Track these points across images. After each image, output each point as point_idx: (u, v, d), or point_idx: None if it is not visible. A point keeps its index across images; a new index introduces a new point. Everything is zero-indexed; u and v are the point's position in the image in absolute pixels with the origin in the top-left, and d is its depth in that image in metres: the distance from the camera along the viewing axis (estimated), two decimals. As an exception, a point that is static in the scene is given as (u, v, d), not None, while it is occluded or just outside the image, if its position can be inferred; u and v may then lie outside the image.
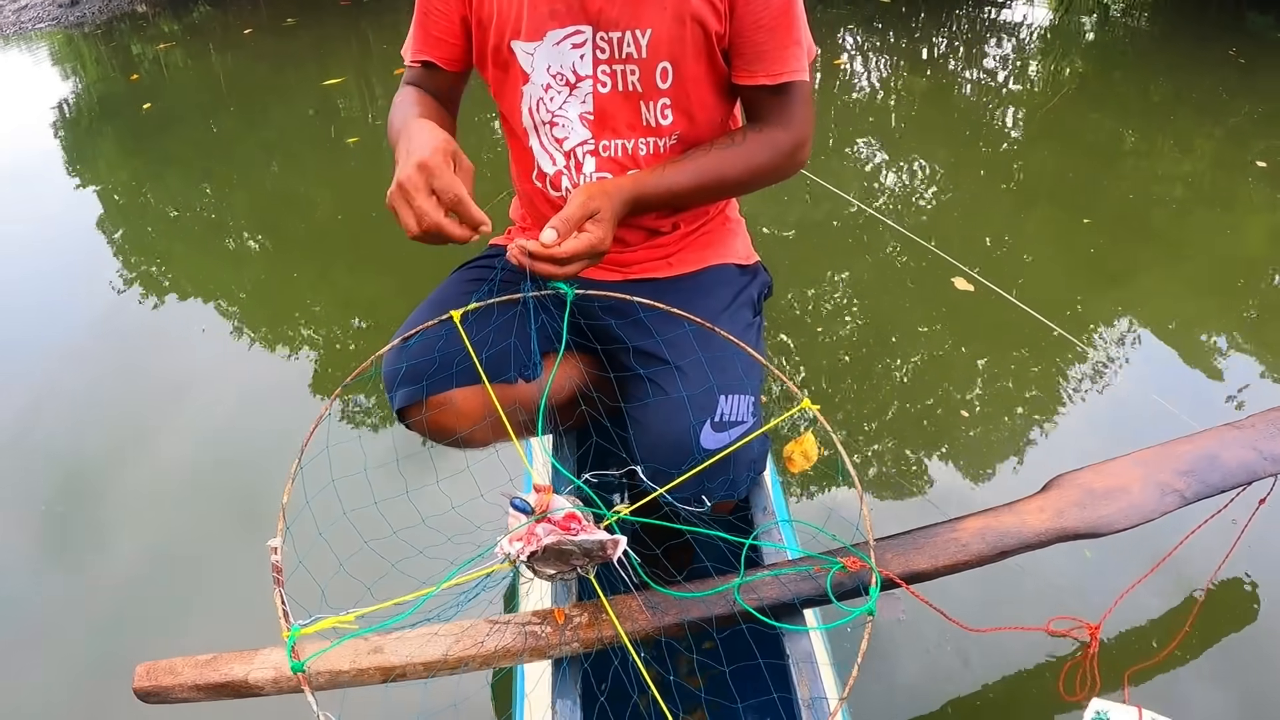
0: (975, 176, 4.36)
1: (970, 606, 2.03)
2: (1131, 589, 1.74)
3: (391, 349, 1.52)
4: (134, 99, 7.30)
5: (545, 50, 1.53)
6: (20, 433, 3.18)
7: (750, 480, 1.49)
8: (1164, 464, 1.63)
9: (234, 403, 3.20)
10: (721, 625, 1.31)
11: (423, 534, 1.41)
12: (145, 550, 2.57)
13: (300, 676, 1.15)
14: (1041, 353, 2.97)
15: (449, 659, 1.27)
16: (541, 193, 1.69)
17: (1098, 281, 3.36)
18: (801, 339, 3.12)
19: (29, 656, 2.29)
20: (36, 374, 3.53)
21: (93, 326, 3.90)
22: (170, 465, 2.91)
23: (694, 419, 1.42)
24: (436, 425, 1.56)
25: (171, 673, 1.32)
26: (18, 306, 4.15)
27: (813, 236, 3.87)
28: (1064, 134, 4.70)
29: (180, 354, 3.59)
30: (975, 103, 5.31)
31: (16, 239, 4.95)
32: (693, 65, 1.52)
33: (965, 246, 3.53)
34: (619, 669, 1.27)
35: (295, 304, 3.85)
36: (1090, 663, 1.70)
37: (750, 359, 1.49)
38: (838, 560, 1.31)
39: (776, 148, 1.56)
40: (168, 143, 6.21)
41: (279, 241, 4.55)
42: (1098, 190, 4.01)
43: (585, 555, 1.19)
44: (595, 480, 1.38)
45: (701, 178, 1.52)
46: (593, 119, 1.58)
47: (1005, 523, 1.46)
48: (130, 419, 3.18)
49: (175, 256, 4.55)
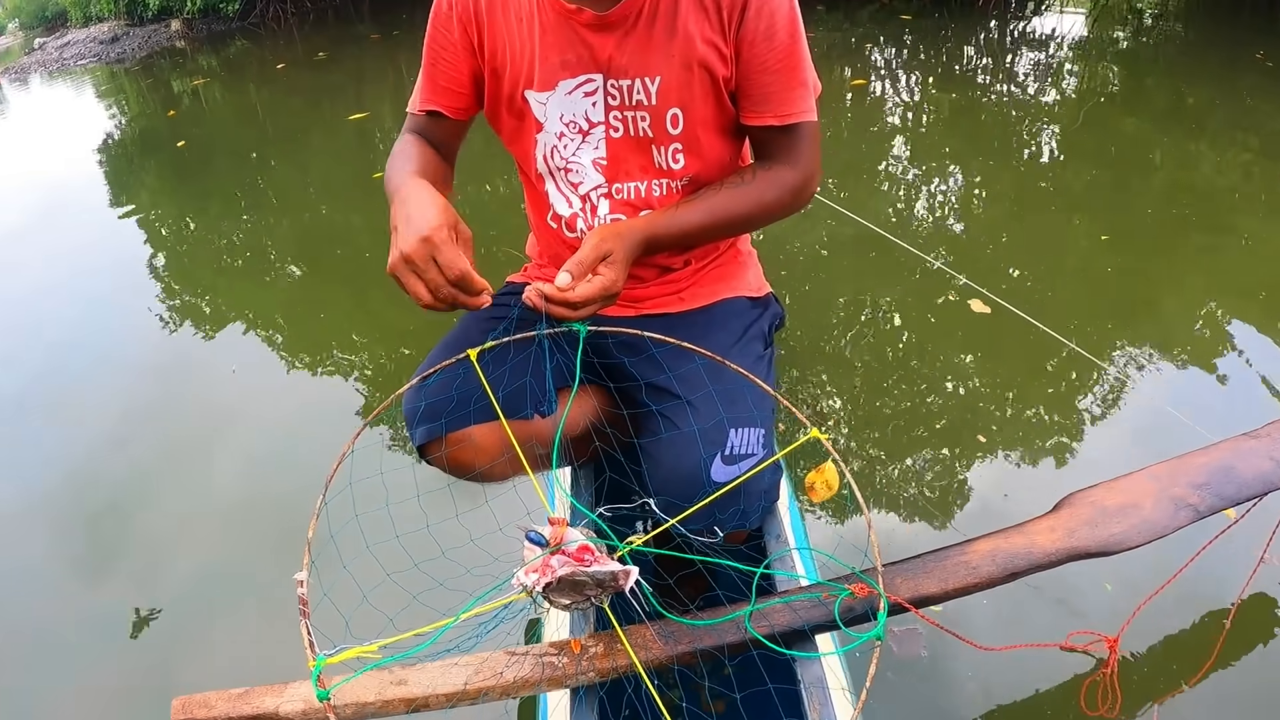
0: (1001, 193, 4.35)
1: (986, 626, 2.03)
2: (1148, 601, 1.73)
3: (411, 387, 1.54)
4: (173, 134, 7.40)
5: (558, 99, 1.56)
6: (61, 462, 3.24)
7: (762, 511, 1.50)
8: (1177, 478, 1.61)
9: (270, 432, 3.25)
10: (734, 653, 1.33)
11: (443, 566, 1.43)
12: (181, 577, 2.61)
13: (325, 705, 1.17)
14: (1058, 372, 2.96)
15: (469, 689, 1.29)
16: (557, 234, 1.72)
17: (1116, 297, 3.34)
18: (818, 365, 3.12)
19: (65, 685, 2.32)
20: (79, 402, 3.61)
21: (134, 356, 3.99)
22: (208, 494, 2.95)
23: (704, 452, 1.44)
24: (456, 461, 1.58)
25: (206, 706, 1.35)
26: (58, 339, 4.24)
27: (831, 259, 3.88)
28: (1090, 147, 4.67)
29: (218, 384, 3.65)
30: (1003, 118, 5.29)
31: (63, 267, 5.07)
32: (702, 110, 1.54)
33: (985, 266, 3.53)
34: (633, 697, 1.29)
35: (333, 334, 3.90)
36: (1111, 676, 1.69)
37: (760, 392, 1.50)
38: (845, 587, 1.32)
39: (784, 185, 1.57)
40: (206, 175, 6.33)
41: (315, 272, 4.62)
42: (1124, 204, 3.98)
43: (599, 586, 1.21)
44: (610, 514, 1.39)
45: (712, 216, 1.54)
46: (606, 164, 1.60)
47: (1015, 544, 1.46)
48: (168, 448, 3.24)
49: (216, 287, 4.64)
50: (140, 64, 12.12)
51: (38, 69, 13.92)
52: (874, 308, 3.44)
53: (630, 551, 1.31)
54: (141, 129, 8.17)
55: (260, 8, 14.02)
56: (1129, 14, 7.10)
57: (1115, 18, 7.10)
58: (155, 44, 13.87)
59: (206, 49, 12.40)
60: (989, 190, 4.40)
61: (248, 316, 4.19)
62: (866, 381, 3.02)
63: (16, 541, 2.88)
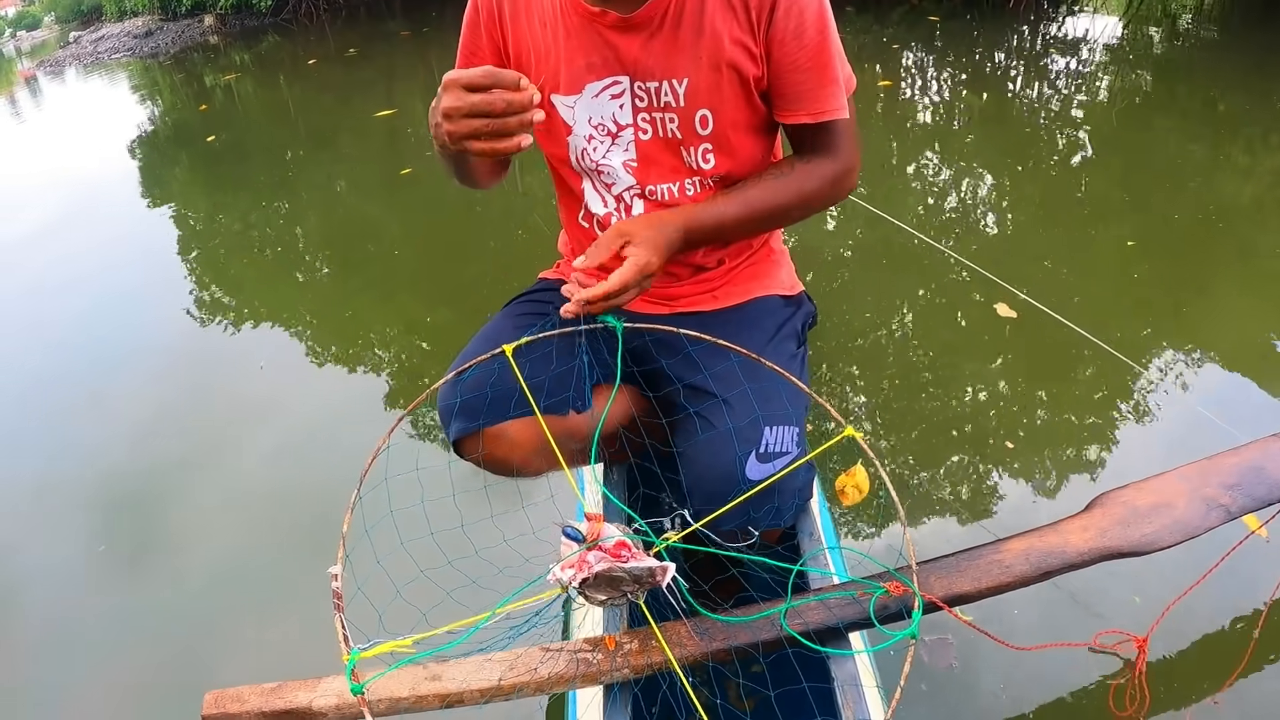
0: (1028, 195, 4.30)
1: (1013, 628, 2.01)
2: (1177, 601, 1.71)
3: (446, 383, 1.53)
4: (204, 129, 7.44)
5: (585, 103, 1.55)
6: (92, 450, 3.28)
7: (796, 509, 1.49)
8: (1209, 478, 1.59)
9: (299, 426, 3.26)
10: (768, 650, 1.32)
11: (476, 564, 1.42)
12: (213, 570, 2.62)
13: (360, 699, 1.17)
14: (1085, 374, 2.93)
15: (504, 685, 1.29)
16: (589, 233, 1.71)
17: (1143, 301, 3.30)
18: (848, 365, 3.11)
19: (96, 677, 2.33)
20: (112, 394, 3.65)
21: (166, 348, 4.02)
22: (239, 487, 2.97)
23: (739, 450, 1.42)
24: (491, 457, 1.57)
25: (239, 700, 1.35)
26: (86, 332, 4.29)
27: (858, 259, 3.86)
28: (1120, 151, 4.60)
29: (247, 378, 3.68)
30: (1032, 121, 5.23)
31: (94, 260, 5.12)
32: (731, 111, 1.51)
33: (1012, 268, 3.47)
34: (667, 694, 1.28)
35: (362, 329, 3.92)
36: (1139, 677, 1.67)
37: (794, 390, 1.49)
38: (880, 585, 1.30)
39: (823, 176, 1.56)
40: (236, 170, 6.37)
41: (345, 268, 4.64)
42: (1152, 208, 3.93)
43: (635, 581, 1.20)
44: (644, 511, 1.39)
45: (750, 208, 1.52)
46: (636, 166, 1.59)
47: (1048, 543, 1.45)
48: (201, 440, 3.26)
49: (247, 280, 4.68)
50: (173, 59, 12.20)
51: (73, 62, 14.07)
52: (901, 308, 3.43)
53: (665, 549, 1.30)
54: (173, 123, 8.23)
55: (292, 4, 14.12)
56: (1163, 16, 6.97)
57: (1149, 20, 6.98)
58: (188, 39, 13.97)
59: (239, 44, 12.46)
60: (1017, 193, 4.36)
61: (278, 311, 4.22)
62: (893, 382, 3.00)
63: (49, 533, 2.90)
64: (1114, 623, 2.02)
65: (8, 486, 3.16)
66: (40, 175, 7.31)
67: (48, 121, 9.73)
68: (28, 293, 4.89)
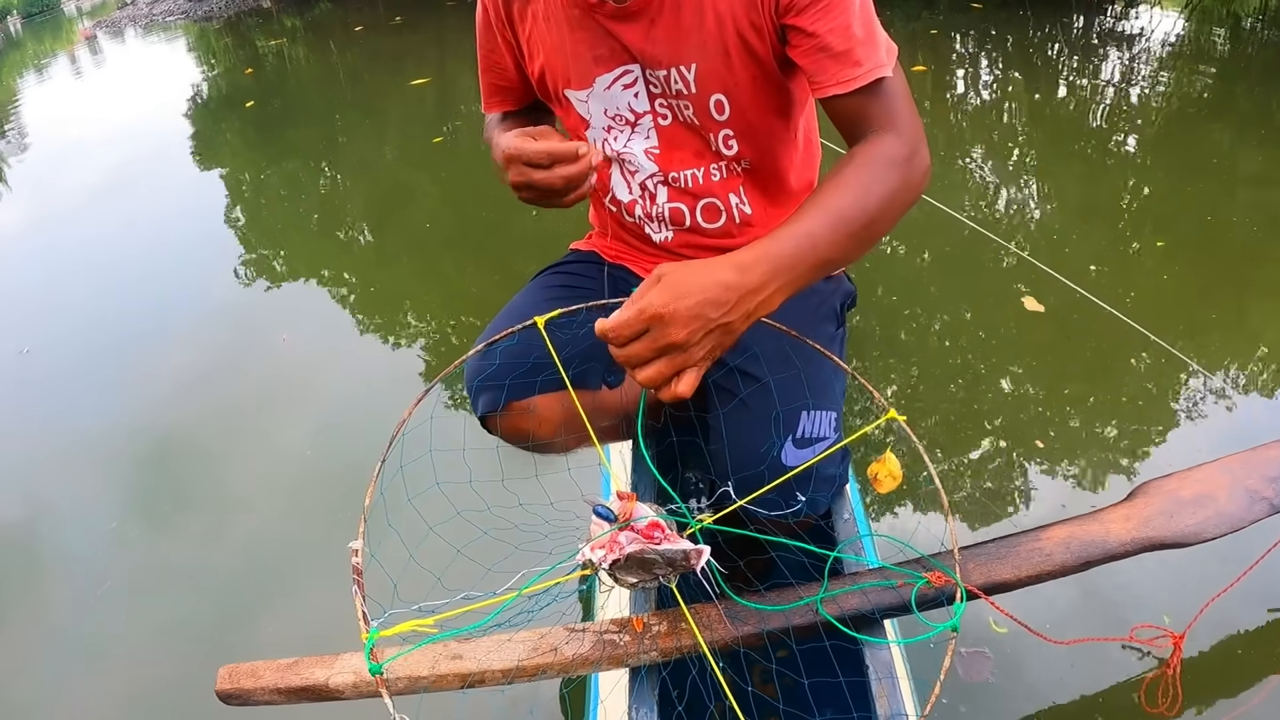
0: (1071, 191, 4.18)
1: (1048, 620, 1.95)
2: (1217, 598, 1.64)
3: (474, 355, 1.47)
4: (251, 92, 7.50)
5: (598, 95, 1.48)
6: (131, 411, 3.29)
7: (832, 497, 1.43)
8: (1252, 470, 1.53)
9: (333, 396, 3.24)
10: (800, 636, 1.26)
11: (497, 546, 1.36)
12: (239, 540, 2.60)
13: (378, 679, 1.11)
14: (1126, 367, 2.85)
15: (526, 666, 1.23)
16: (616, 216, 1.66)
17: (1182, 299, 3.20)
18: (874, 351, 3.05)
19: (116, 645, 2.32)
20: (155, 353, 3.66)
21: (204, 312, 4.02)
22: (271, 455, 2.95)
23: (776, 436, 1.36)
24: (518, 431, 1.51)
25: (253, 676, 1.30)
26: (128, 290, 4.32)
27: (894, 243, 3.78)
28: (1169, 153, 4.46)
29: (281, 346, 3.64)
30: (1080, 116, 5.05)
31: (142, 219, 5.19)
32: (748, 93, 1.42)
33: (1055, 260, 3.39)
34: (696, 679, 1.22)
35: (400, 299, 3.90)
36: (1174, 674, 1.61)
37: (833, 374, 1.43)
38: (921, 574, 1.24)
39: (886, 157, 1.26)
40: (282, 134, 6.46)
41: (384, 235, 4.63)
42: (1204, 210, 3.79)
43: (668, 564, 1.14)
44: (676, 491, 1.32)
45: (832, 211, 1.19)
46: (659, 152, 1.52)
47: (1090, 532, 1.39)
48: (237, 405, 3.25)
49: (289, 244, 4.70)
50: (226, 22, 12.18)
51: (129, 23, 14.15)
52: (936, 295, 3.36)
53: (699, 530, 1.24)
54: (222, 86, 8.23)
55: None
56: (1226, 17, 6.71)
57: (1212, 20, 6.73)
58: (242, 3, 13.92)
59: (290, 9, 12.38)
60: (1058, 187, 4.24)
61: (319, 275, 4.21)
62: (926, 369, 2.93)
63: (79, 494, 2.90)
64: (1148, 619, 1.97)
65: (53, 436, 3.22)
66: (98, 131, 7.36)
67: (107, 79, 9.82)
68: (83, 243, 4.97)
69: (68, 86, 9.56)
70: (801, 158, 1.60)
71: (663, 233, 1.61)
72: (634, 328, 1.06)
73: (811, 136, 1.63)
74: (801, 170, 1.60)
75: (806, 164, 1.62)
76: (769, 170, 1.55)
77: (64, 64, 11.01)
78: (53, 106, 8.81)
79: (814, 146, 1.65)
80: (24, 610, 2.49)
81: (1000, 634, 1.95)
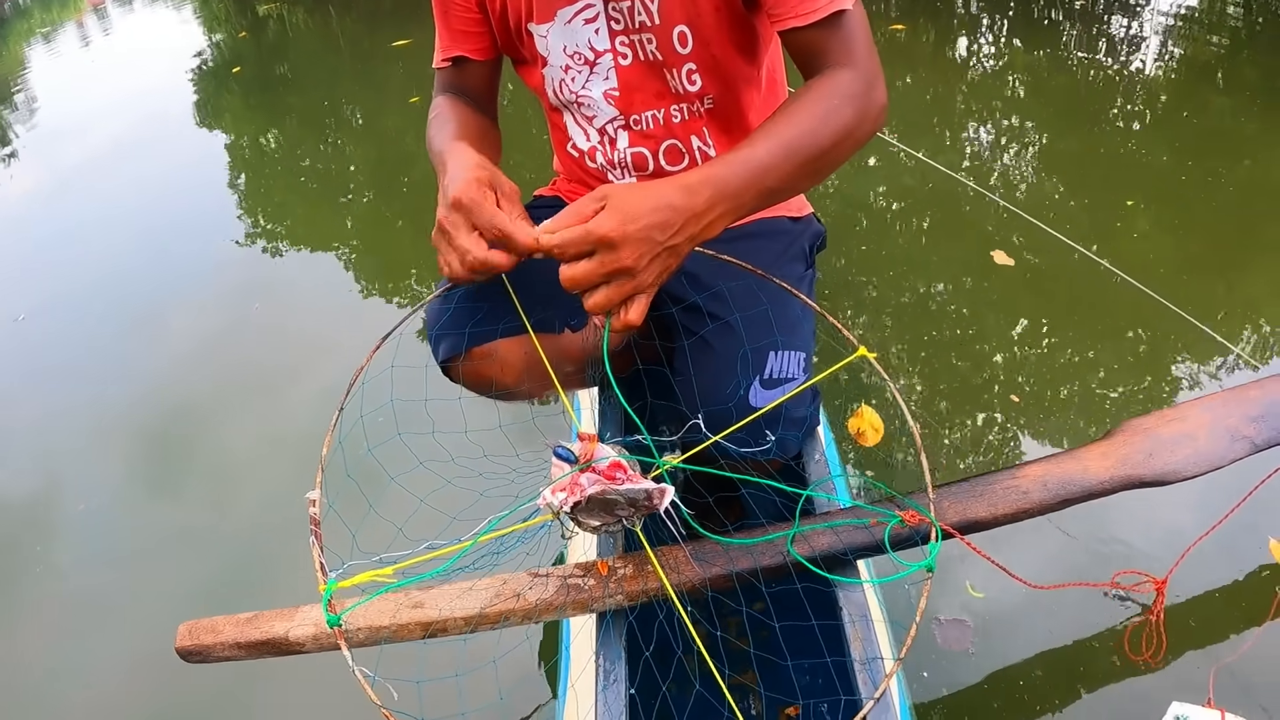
0: (1062, 152, 4.10)
1: (1029, 566, 1.91)
2: (1198, 542, 1.60)
3: (434, 299, 1.42)
4: (246, 57, 7.58)
5: (558, 30, 1.42)
6: (137, 378, 3.25)
7: (802, 438, 1.39)
8: (1233, 409, 1.49)
9: (333, 353, 3.18)
10: (770, 577, 1.21)
11: (457, 496, 1.32)
12: (236, 501, 2.59)
13: (336, 630, 1.06)
14: (1102, 315, 2.79)
15: (489, 613, 1.19)
16: (578, 163, 1.60)
17: (1167, 261, 3.11)
18: (849, 298, 2.99)
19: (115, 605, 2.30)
20: (155, 318, 3.63)
21: (203, 279, 3.95)
22: (267, 419, 2.92)
23: (743, 376, 1.32)
24: (480, 376, 1.46)
25: (213, 631, 1.26)
26: (127, 259, 4.26)
27: (862, 191, 3.72)
28: (1169, 123, 4.32)
29: (283, 310, 3.61)
30: (1079, 79, 4.83)
31: (152, 182, 5.14)
32: (711, 23, 1.36)
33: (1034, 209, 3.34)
34: (664, 624, 1.18)
35: (400, 264, 3.86)
36: (1157, 620, 1.57)
37: (801, 314, 1.38)
38: (895, 512, 1.19)
39: (844, 90, 1.22)
40: (280, 97, 6.45)
41: (383, 199, 4.56)
42: (1205, 184, 3.71)
43: (631, 505, 1.09)
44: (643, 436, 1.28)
45: (783, 140, 1.16)
46: (618, 95, 1.46)
47: (1067, 469, 1.34)
48: (236, 368, 3.22)
49: (288, 209, 4.64)
50: None
51: None
52: (907, 240, 3.32)
53: (665, 472, 1.19)
54: (221, 50, 8.16)
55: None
56: None
57: None
58: None
59: None
60: (1049, 150, 4.15)
61: (318, 240, 4.16)
62: (899, 314, 2.89)
63: (81, 451, 2.90)
64: (1128, 558, 1.94)
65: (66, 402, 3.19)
66: (103, 98, 7.29)
67: (112, 47, 9.74)
68: (89, 215, 4.88)
69: (75, 55, 9.50)
70: (765, 98, 1.54)
71: (626, 179, 1.56)
72: (580, 247, 1.03)
73: (776, 77, 1.58)
74: (766, 111, 1.55)
75: (771, 106, 1.56)
76: (732, 109, 1.50)
77: (71, 32, 10.93)
78: (60, 75, 8.77)
79: (779, 88, 1.60)
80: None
81: (978, 598, 1.92)
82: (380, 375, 1.29)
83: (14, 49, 10.44)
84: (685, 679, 1.20)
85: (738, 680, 1.50)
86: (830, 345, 1.81)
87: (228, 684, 1.97)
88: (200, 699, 1.97)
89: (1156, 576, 1.53)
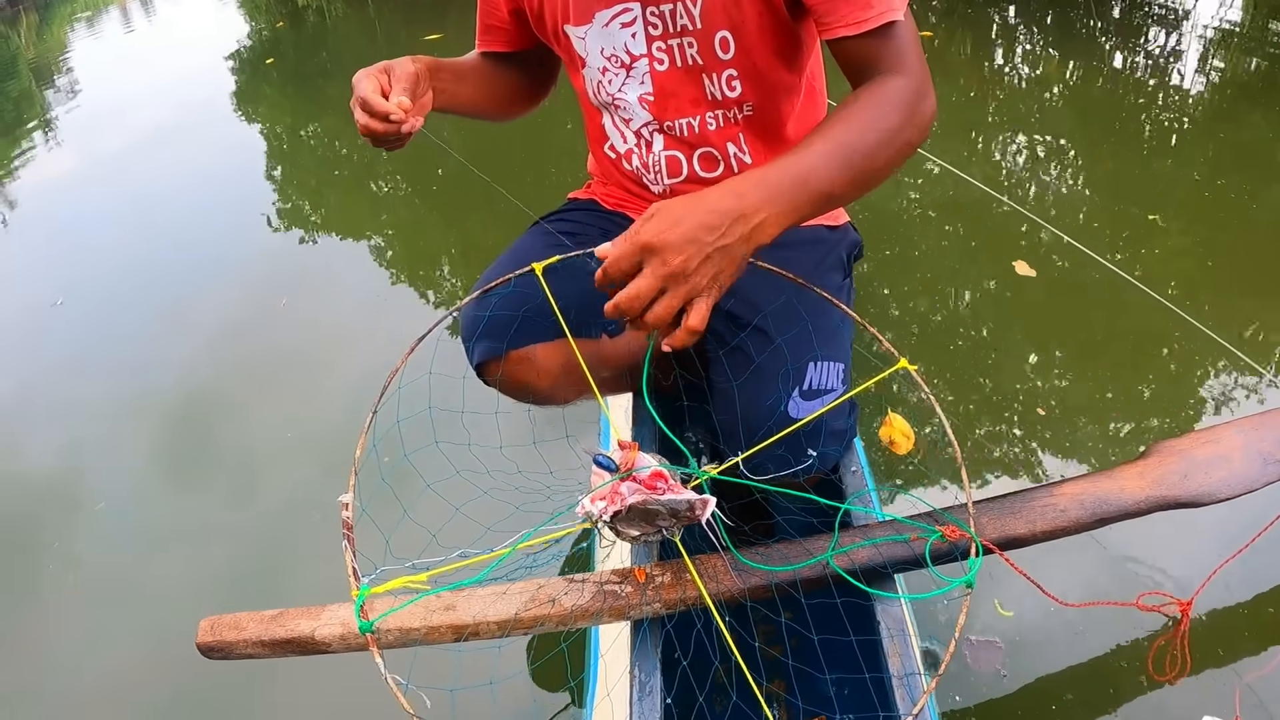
0: (1093, 172, 4.06)
1: (1056, 584, 1.89)
2: (1226, 564, 1.58)
3: (470, 302, 1.40)
4: (283, 47, 7.62)
5: (596, 33, 1.40)
6: (166, 365, 3.24)
7: (840, 452, 1.37)
8: (1265, 433, 1.47)
9: (363, 347, 3.15)
10: (809, 589, 1.19)
11: (492, 508, 1.30)
12: (262, 496, 2.56)
13: (369, 638, 1.04)
14: (1139, 335, 2.75)
15: (523, 618, 1.16)
16: (615, 164, 1.59)
17: (1195, 284, 3.06)
18: (878, 309, 2.97)
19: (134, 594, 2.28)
20: (184, 306, 3.63)
21: (235, 268, 3.96)
22: (288, 412, 2.89)
23: (781, 387, 1.30)
24: (516, 381, 1.44)
25: (236, 628, 1.23)
26: (170, 242, 4.27)
27: (894, 205, 3.69)
28: (1213, 140, 4.29)
29: (318, 297, 3.61)
30: (1116, 95, 4.81)
31: (186, 169, 5.18)
32: (754, 29, 1.34)
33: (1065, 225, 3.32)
34: (701, 633, 1.16)
35: (432, 256, 3.86)
36: (1181, 641, 1.56)
37: (840, 324, 1.36)
38: (935, 528, 1.18)
39: (895, 98, 1.20)
40: (319, 87, 6.47)
41: (417, 193, 4.57)
42: (1237, 203, 3.65)
43: (672, 516, 1.07)
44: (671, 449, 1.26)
45: (838, 143, 1.14)
46: (653, 100, 1.44)
47: (1104, 488, 1.33)
48: (264, 359, 3.21)
49: (321, 199, 4.65)
50: None
51: None
52: (931, 247, 3.29)
53: (704, 483, 1.17)
54: (260, 39, 8.14)
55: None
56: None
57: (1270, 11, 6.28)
58: None
59: None
60: (1079, 163, 4.12)
61: (352, 230, 4.15)
62: (934, 326, 2.86)
63: (108, 438, 2.89)
64: (1157, 585, 1.91)
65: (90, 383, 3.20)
66: (143, 84, 7.33)
67: (154, 32, 9.80)
68: (127, 200, 4.90)
69: (117, 39, 9.50)
70: (804, 107, 1.52)
71: (660, 183, 1.54)
72: (630, 260, 1.02)
73: (816, 86, 1.55)
74: (804, 120, 1.53)
75: (810, 115, 1.54)
76: (770, 117, 1.47)
77: (114, 16, 10.91)
78: (101, 58, 8.75)
79: (818, 98, 1.58)
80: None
81: (1006, 618, 1.89)
82: (415, 381, 1.27)
83: (57, 32, 10.48)
84: (715, 688, 1.18)
85: (769, 689, 1.49)
86: (860, 355, 1.79)
87: (246, 680, 1.95)
88: (220, 695, 1.95)
89: (1181, 598, 1.52)
